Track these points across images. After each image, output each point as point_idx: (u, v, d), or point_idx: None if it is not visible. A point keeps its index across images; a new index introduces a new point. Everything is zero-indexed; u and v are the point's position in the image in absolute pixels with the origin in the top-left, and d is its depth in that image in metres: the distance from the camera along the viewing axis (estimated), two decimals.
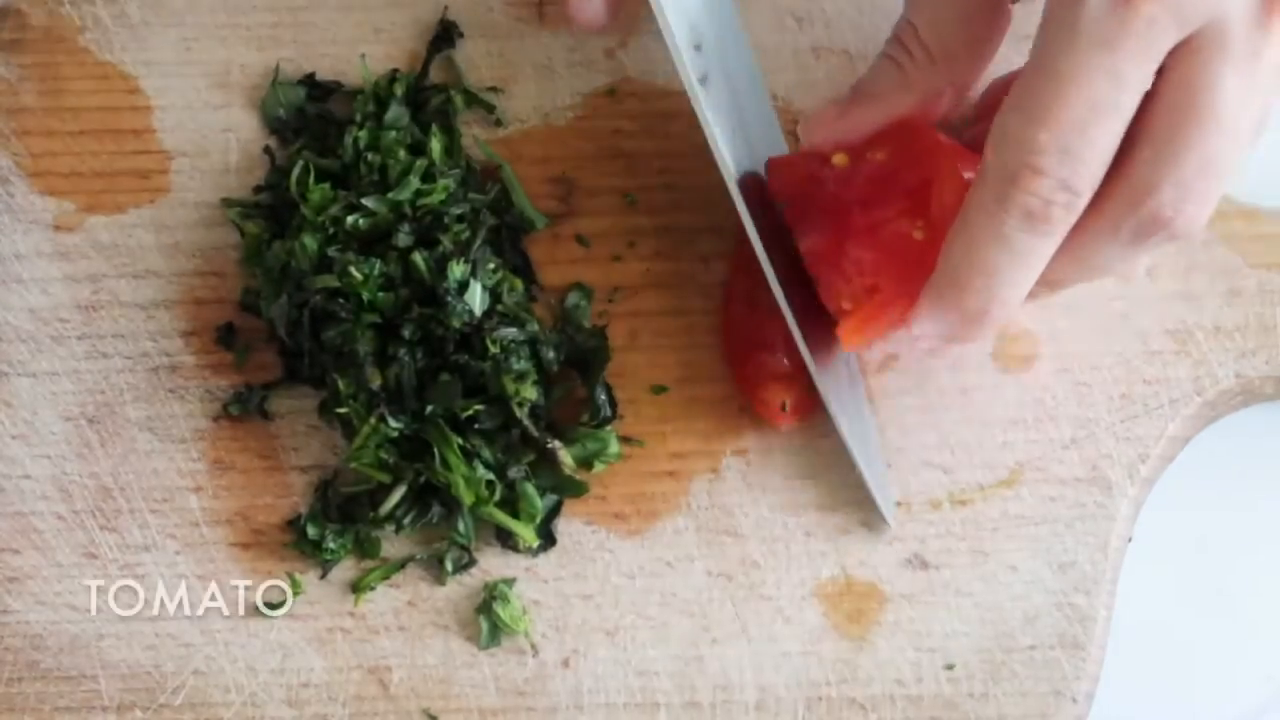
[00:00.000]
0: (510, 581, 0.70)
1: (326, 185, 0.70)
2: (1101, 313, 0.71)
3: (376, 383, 0.67)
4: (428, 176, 0.70)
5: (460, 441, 0.68)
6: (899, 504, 0.70)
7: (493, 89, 0.74)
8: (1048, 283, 0.63)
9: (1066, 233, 0.59)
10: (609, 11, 0.68)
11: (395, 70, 0.74)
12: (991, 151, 0.59)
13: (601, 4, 0.68)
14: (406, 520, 0.69)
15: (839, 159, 0.67)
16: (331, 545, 0.69)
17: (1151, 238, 0.59)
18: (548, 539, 0.70)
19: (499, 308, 0.69)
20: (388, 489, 0.69)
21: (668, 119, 0.74)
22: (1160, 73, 0.57)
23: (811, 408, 0.70)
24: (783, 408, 0.69)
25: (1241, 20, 0.56)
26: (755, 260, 0.68)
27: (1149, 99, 0.57)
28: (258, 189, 0.73)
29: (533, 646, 0.69)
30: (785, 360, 0.69)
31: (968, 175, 0.63)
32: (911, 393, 0.71)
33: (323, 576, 0.70)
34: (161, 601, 0.70)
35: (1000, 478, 0.70)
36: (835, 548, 0.70)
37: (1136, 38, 0.56)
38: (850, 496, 0.70)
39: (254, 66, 0.74)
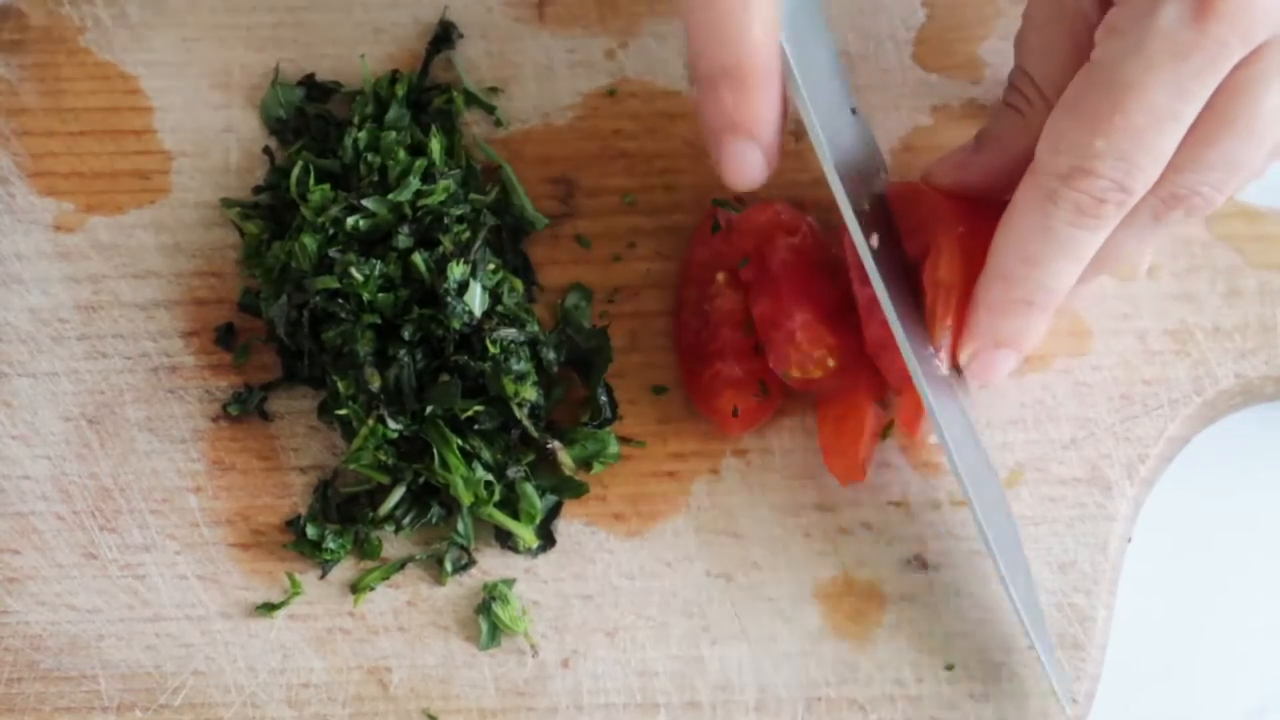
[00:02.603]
0: (510, 582, 0.70)
1: (326, 186, 0.70)
2: (1102, 313, 0.71)
3: (376, 384, 0.67)
4: (428, 177, 0.70)
5: (460, 442, 0.68)
6: (898, 504, 0.70)
7: (493, 89, 0.74)
8: None
9: (1112, 228, 0.61)
10: (769, 168, 0.65)
11: (396, 71, 0.74)
12: (1046, 151, 0.60)
13: (761, 163, 0.64)
14: (406, 521, 0.69)
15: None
16: (331, 545, 0.69)
17: (1168, 215, 0.61)
18: (547, 539, 0.70)
19: (499, 308, 0.69)
20: (387, 489, 0.69)
21: (668, 119, 0.74)
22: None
23: (762, 415, 0.70)
24: (734, 413, 0.69)
25: None
26: (703, 272, 0.71)
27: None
28: (257, 189, 0.73)
29: (532, 647, 0.69)
30: (738, 368, 0.69)
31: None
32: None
33: (322, 577, 0.70)
34: (161, 602, 0.70)
35: (1000, 478, 0.70)
36: (835, 548, 0.70)
37: (1204, 56, 0.57)
38: (850, 496, 0.70)
39: (254, 67, 0.74)
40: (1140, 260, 0.71)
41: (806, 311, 0.68)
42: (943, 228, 0.67)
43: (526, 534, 0.69)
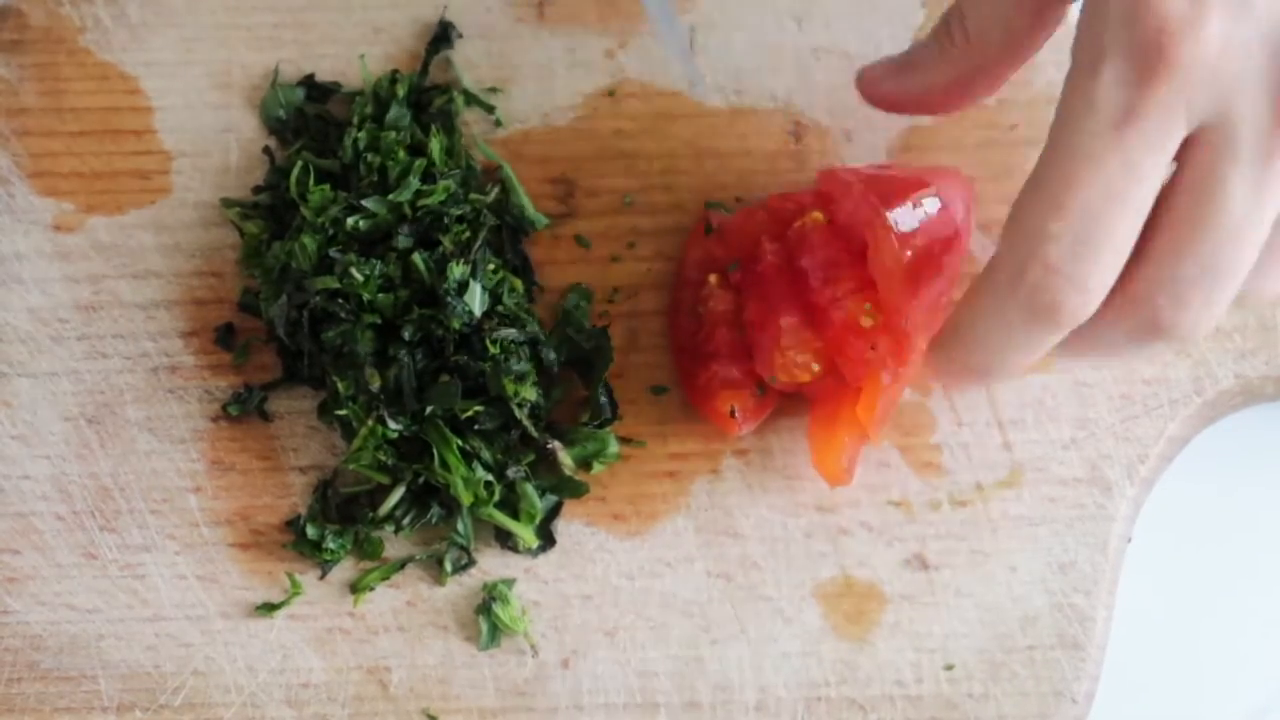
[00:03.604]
0: (510, 582, 0.70)
1: (326, 186, 0.70)
2: None
3: (376, 384, 0.67)
4: (428, 177, 0.70)
5: (460, 442, 0.68)
6: (898, 504, 0.70)
7: (492, 89, 0.74)
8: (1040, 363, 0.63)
9: (1074, 329, 0.58)
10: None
11: (396, 71, 0.74)
12: (1005, 238, 0.58)
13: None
14: (406, 521, 0.69)
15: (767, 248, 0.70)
16: (331, 546, 0.69)
17: (1147, 342, 0.58)
18: (547, 540, 0.70)
19: (499, 308, 0.69)
20: (387, 489, 0.69)
21: (667, 119, 0.74)
22: (1172, 176, 0.56)
23: (760, 414, 0.70)
24: (731, 413, 0.69)
25: (1250, 122, 0.55)
26: (697, 273, 0.71)
27: (1159, 202, 0.56)
28: (257, 189, 0.73)
29: (532, 647, 0.69)
30: (734, 369, 0.69)
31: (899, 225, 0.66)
32: (911, 393, 0.71)
33: (322, 577, 0.70)
34: (161, 602, 0.70)
35: (1000, 478, 0.70)
36: (835, 548, 0.70)
37: (1147, 122, 0.55)
38: (850, 496, 0.70)
39: (254, 67, 0.74)
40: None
41: (792, 315, 0.68)
42: (875, 219, 0.67)
43: (526, 534, 0.69)
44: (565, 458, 0.70)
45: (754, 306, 0.69)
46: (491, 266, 0.69)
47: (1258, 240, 0.56)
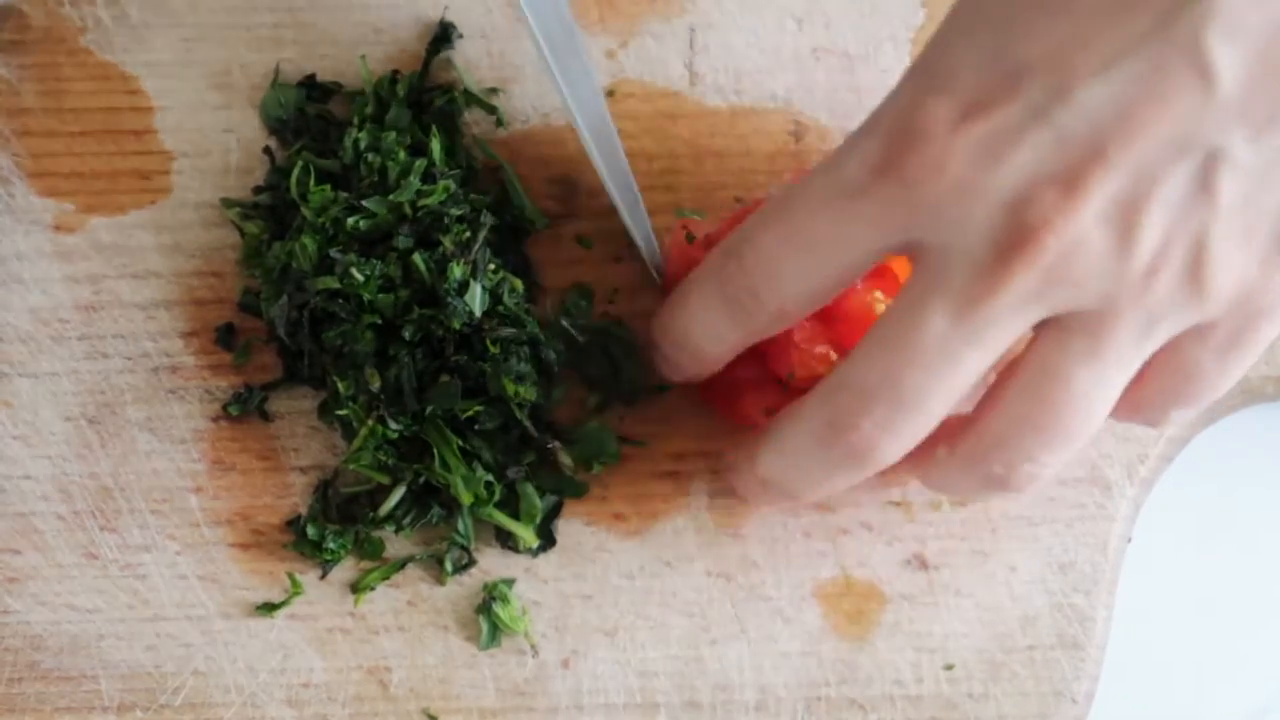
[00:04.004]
0: (510, 582, 0.70)
1: (327, 186, 0.70)
2: None
3: (376, 384, 0.67)
4: (428, 177, 0.70)
5: (460, 442, 0.68)
6: (898, 504, 0.70)
7: (493, 89, 0.74)
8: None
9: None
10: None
11: (396, 71, 0.74)
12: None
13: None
14: (406, 521, 0.69)
15: None
16: (331, 546, 0.69)
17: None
18: (547, 539, 0.70)
19: (499, 308, 0.69)
20: (387, 489, 0.69)
21: (668, 119, 0.74)
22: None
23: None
24: (767, 414, 0.69)
25: (964, 257, 0.55)
26: None
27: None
28: (257, 189, 0.73)
29: (532, 647, 0.69)
30: (751, 369, 0.69)
31: None
32: None
33: (323, 577, 0.70)
34: (161, 602, 0.70)
35: None
36: (835, 548, 0.70)
37: (874, 205, 0.56)
38: (850, 497, 0.70)
39: (254, 67, 0.74)
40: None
41: None
42: None
43: (526, 534, 0.69)
44: (565, 458, 0.70)
45: None
46: (492, 266, 0.69)
47: (1102, 410, 0.57)
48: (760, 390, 0.69)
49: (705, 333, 0.64)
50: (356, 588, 0.70)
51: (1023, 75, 0.54)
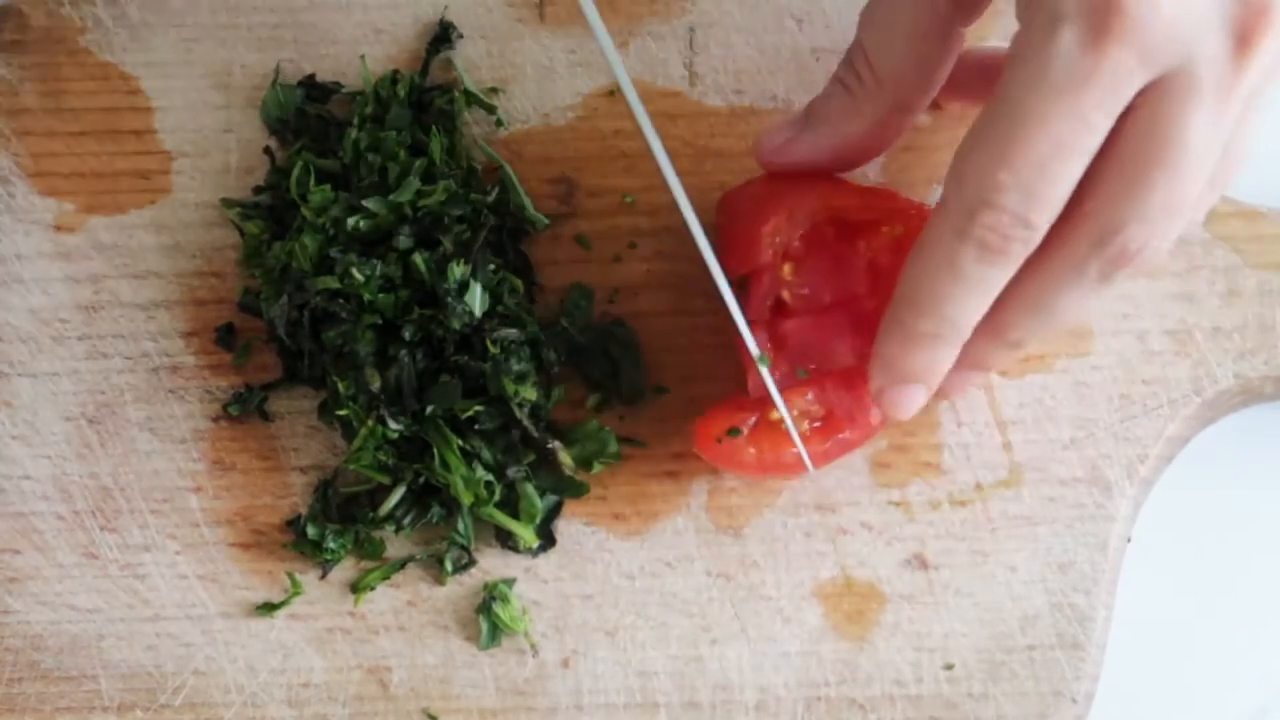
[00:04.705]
0: (510, 582, 0.70)
1: (327, 186, 0.70)
2: (1102, 313, 0.71)
3: (376, 384, 0.67)
4: (428, 177, 0.70)
5: (460, 442, 0.68)
6: (898, 504, 0.70)
7: (493, 89, 0.74)
8: (1009, 342, 0.63)
9: (1020, 264, 0.59)
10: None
11: (396, 71, 0.74)
12: (952, 184, 0.59)
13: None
14: (406, 521, 0.69)
15: (786, 270, 0.69)
16: (331, 545, 0.69)
17: (1117, 272, 0.59)
18: (547, 539, 0.70)
19: (499, 308, 0.69)
20: (387, 489, 0.69)
21: (668, 119, 0.74)
22: (1127, 110, 0.57)
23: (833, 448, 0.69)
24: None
25: (1211, 61, 0.55)
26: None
27: (1114, 134, 0.57)
28: (258, 189, 0.73)
29: (532, 647, 0.69)
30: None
31: None
32: None
33: (323, 577, 0.70)
34: (161, 601, 0.70)
35: (1000, 478, 0.70)
36: (835, 548, 0.70)
37: (1103, 83, 0.55)
38: (850, 497, 0.70)
39: (254, 67, 0.74)
40: (1087, 315, 0.68)
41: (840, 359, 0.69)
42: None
43: (526, 534, 0.69)
44: (565, 458, 0.70)
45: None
46: (492, 266, 0.69)
47: (1211, 167, 0.58)
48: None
49: (964, 298, 0.61)
50: (356, 588, 0.70)
51: None
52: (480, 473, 0.68)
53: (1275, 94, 0.59)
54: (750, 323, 0.67)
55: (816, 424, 0.68)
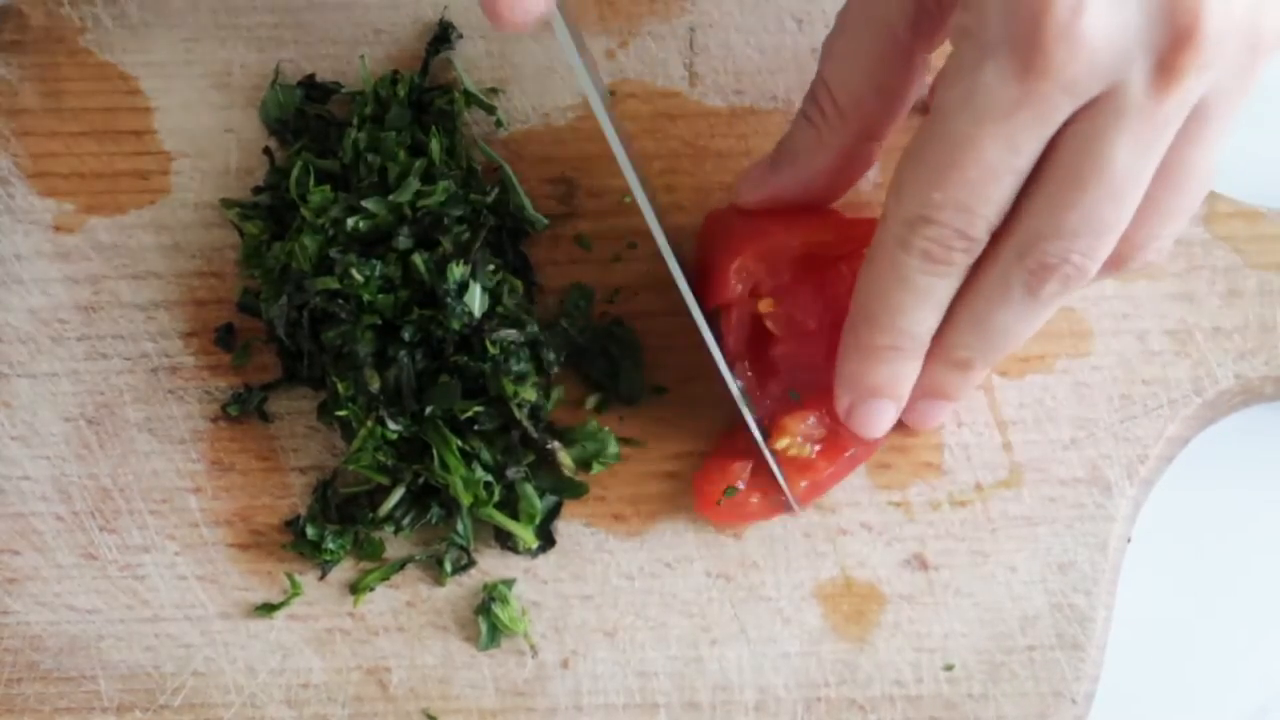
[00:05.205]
0: (509, 582, 0.70)
1: (326, 186, 0.70)
2: (1101, 313, 0.71)
3: (376, 384, 0.67)
4: (428, 178, 0.70)
5: (459, 443, 0.68)
6: (898, 504, 0.70)
7: (493, 89, 0.74)
8: (956, 361, 0.64)
9: (965, 273, 0.61)
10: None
11: (396, 71, 0.74)
12: (892, 199, 0.60)
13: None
14: (406, 521, 0.69)
15: (764, 305, 0.69)
16: (331, 546, 0.69)
17: (1042, 287, 0.60)
18: (547, 540, 0.70)
19: (499, 309, 0.69)
20: (387, 490, 0.69)
21: (667, 119, 0.74)
22: (1059, 131, 0.57)
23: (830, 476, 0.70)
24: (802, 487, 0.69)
25: (1135, 86, 0.56)
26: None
27: (1045, 154, 0.58)
28: (257, 190, 0.73)
29: (532, 647, 0.69)
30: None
31: None
32: None
33: (322, 577, 0.70)
34: (161, 602, 0.70)
35: (1000, 478, 0.70)
36: (835, 548, 0.70)
37: (1029, 113, 0.56)
38: (850, 497, 0.70)
39: (254, 67, 0.74)
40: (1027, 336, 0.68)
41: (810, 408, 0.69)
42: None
43: (526, 534, 0.69)
44: (565, 458, 0.70)
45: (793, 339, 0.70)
46: (491, 267, 0.69)
47: (1138, 188, 0.58)
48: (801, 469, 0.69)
49: (914, 310, 0.63)
50: (356, 588, 0.70)
51: None
52: (480, 473, 0.68)
53: (1247, 110, 0.58)
54: (727, 356, 0.68)
55: (819, 446, 0.68)
